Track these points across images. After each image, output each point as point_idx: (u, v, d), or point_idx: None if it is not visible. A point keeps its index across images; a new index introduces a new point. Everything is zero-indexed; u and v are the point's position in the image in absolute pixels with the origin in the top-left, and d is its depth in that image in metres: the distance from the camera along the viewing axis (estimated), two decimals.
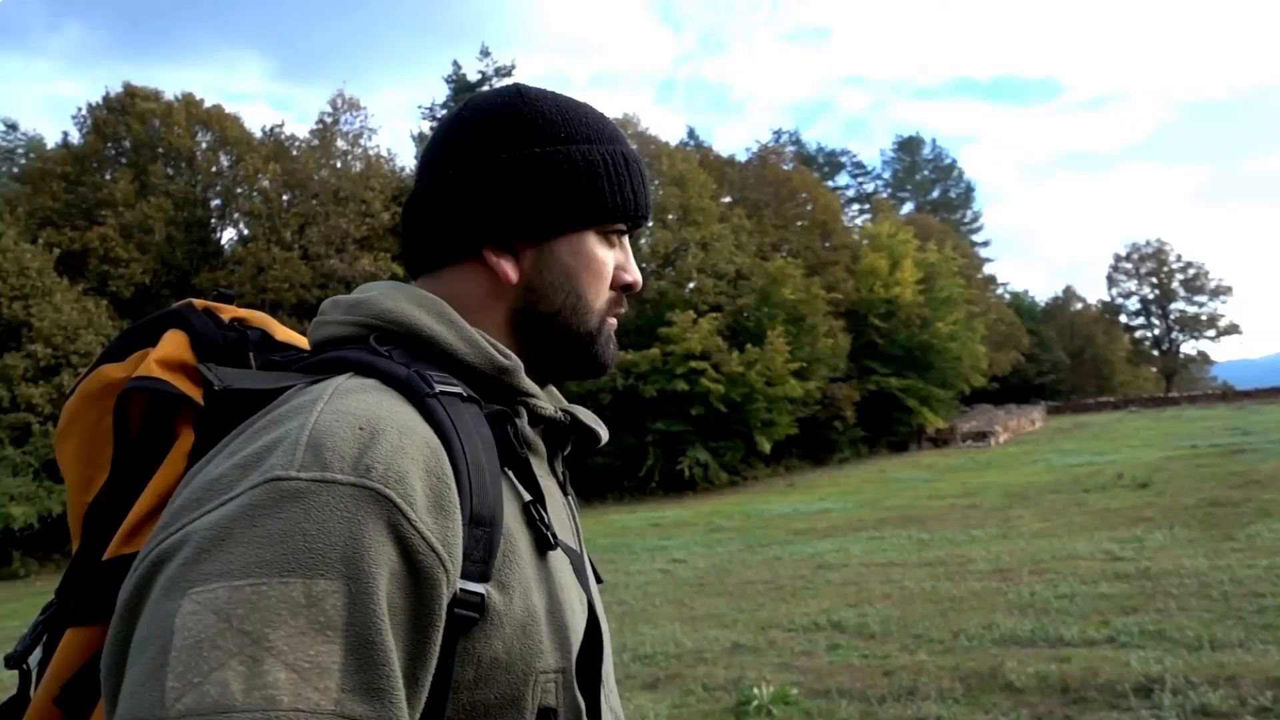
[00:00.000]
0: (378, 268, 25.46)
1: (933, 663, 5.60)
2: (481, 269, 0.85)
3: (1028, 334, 47.48)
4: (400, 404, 0.71)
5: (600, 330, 0.88)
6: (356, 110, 28.74)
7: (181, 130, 26.50)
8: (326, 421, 0.66)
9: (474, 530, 0.68)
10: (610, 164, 0.86)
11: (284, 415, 0.69)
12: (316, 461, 0.63)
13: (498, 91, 0.89)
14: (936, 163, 63.01)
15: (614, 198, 0.85)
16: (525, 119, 0.85)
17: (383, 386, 0.72)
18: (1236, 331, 59.17)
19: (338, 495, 0.62)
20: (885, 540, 12.30)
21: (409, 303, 0.81)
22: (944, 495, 18.04)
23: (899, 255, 35.06)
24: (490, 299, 0.85)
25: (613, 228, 0.87)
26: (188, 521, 0.62)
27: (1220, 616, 5.86)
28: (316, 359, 0.80)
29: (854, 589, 8.77)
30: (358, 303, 0.83)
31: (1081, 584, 7.54)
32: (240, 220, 27.72)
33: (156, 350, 0.81)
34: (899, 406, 33.69)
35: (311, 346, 0.86)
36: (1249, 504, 11.26)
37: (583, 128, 0.86)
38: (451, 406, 0.73)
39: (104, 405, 0.81)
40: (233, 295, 0.93)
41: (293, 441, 0.64)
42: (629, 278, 0.90)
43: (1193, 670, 4.65)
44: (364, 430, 0.65)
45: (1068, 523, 11.93)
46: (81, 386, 0.85)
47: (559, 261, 0.85)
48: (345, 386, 0.71)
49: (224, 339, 0.85)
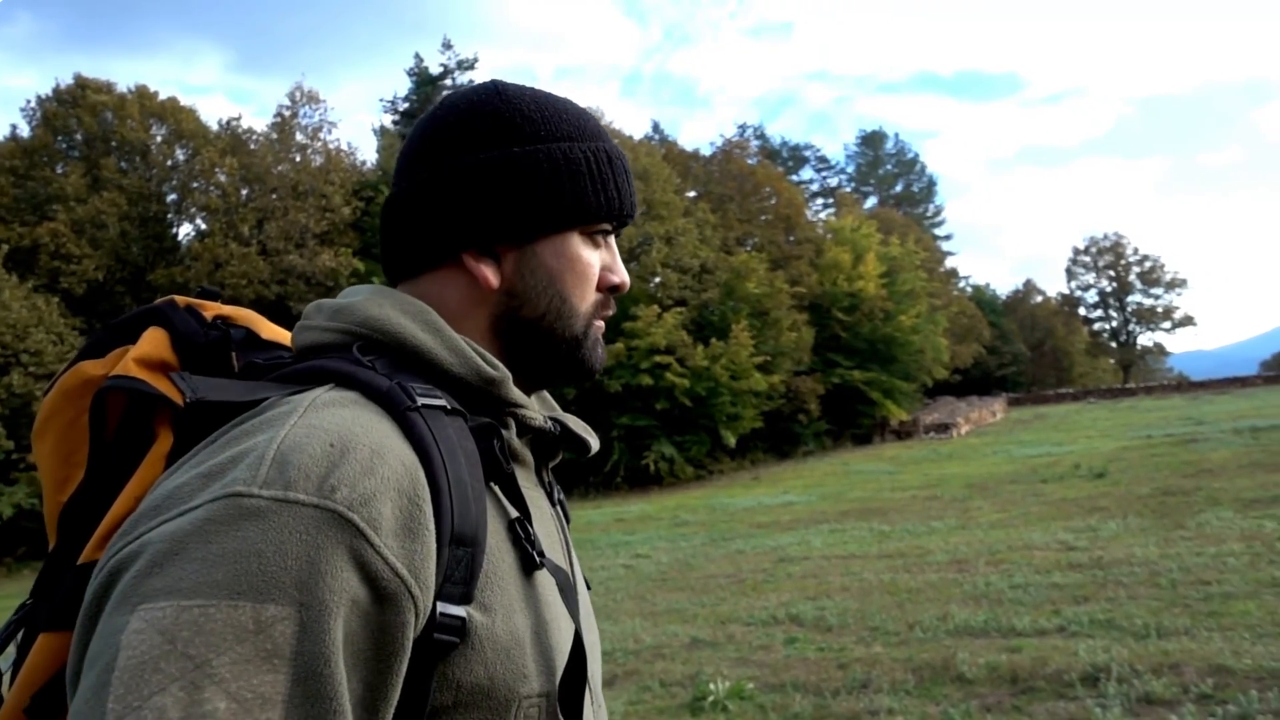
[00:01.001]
0: (338, 263, 25.17)
1: (887, 655, 5.64)
2: (462, 274, 0.82)
3: (989, 326, 48.15)
4: (379, 419, 0.68)
5: (586, 334, 0.85)
6: (316, 103, 28.33)
7: (135, 123, 25.95)
8: (297, 436, 0.63)
9: (455, 550, 0.66)
10: (593, 162, 0.83)
11: (257, 426, 0.66)
12: (280, 478, 0.60)
13: (474, 89, 0.86)
14: (899, 157, 63.59)
15: (597, 197, 0.82)
16: (503, 117, 0.82)
17: (363, 400, 0.70)
18: (1191, 324, 60.50)
19: (298, 516, 0.59)
20: (846, 532, 12.39)
21: (394, 310, 0.78)
22: (906, 487, 18.23)
23: (862, 249, 35.36)
24: (471, 305, 0.82)
25: (597, 228, 0.84)
26: (145, 530, 0.60)
27: (1168, 605, 5.96)
28: (298, 367, 0.76)
29: (814, 582, 8.82)
30: (341, 308, 0.80)
31: (1036, 574, 7.64)
32: (197, 215, 27.24)
33: (135, 348, 0.78)
34: (862, 399, 34.00)
35: (294, 352, 0.82)
36: (1200, 492, 11.49)
37: (563, 125, 0.83)
38: (434, 420, 0.70)
39: (81, 403, 0.78)
40: (216, 293, 0.90)
41: (259, 455, 0.62)
42: (616, 279, 0.87)
43: (1138, 659, 4.72)
44: (334, 447, 0.63)
45: (1024, 513, 12.10)
46: (59, 382, 0.82)
47: (542, 264, 0.82)
48: (323, 399, 0.68)
49: (206, 337, 0.82)
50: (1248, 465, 13.57)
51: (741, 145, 41.76)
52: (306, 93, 28.27)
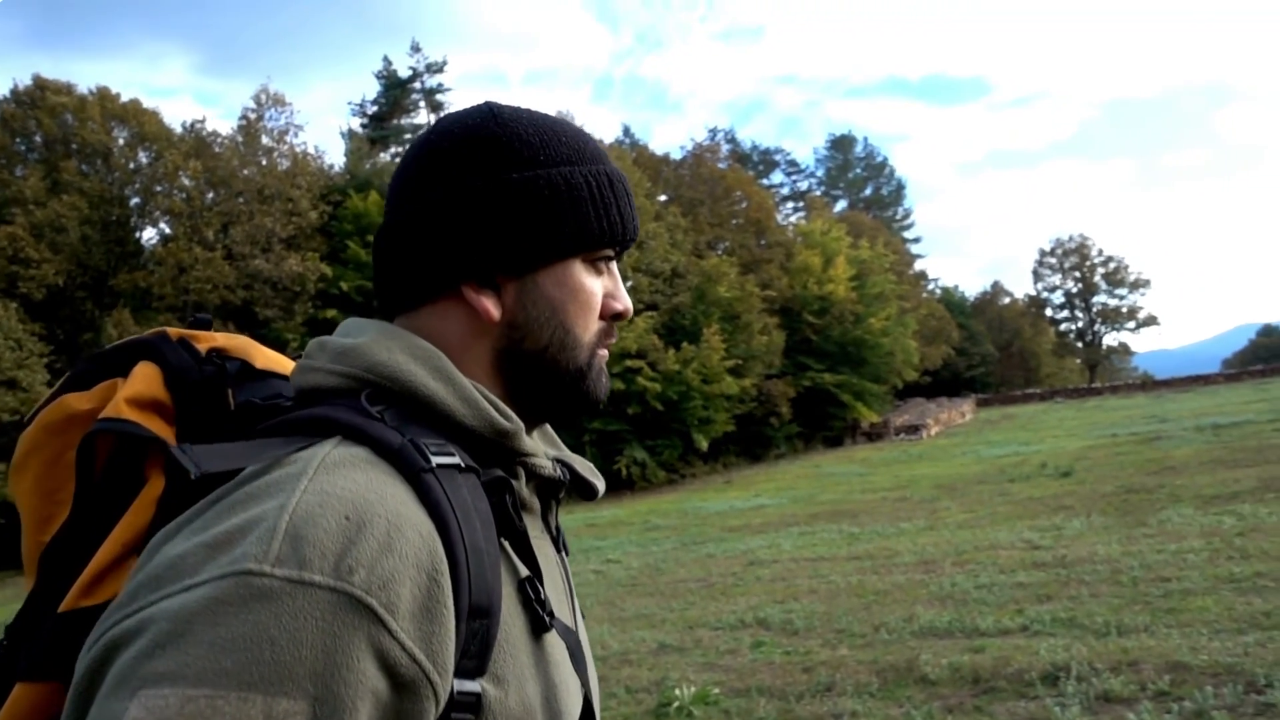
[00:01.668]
0: (305, 268, 24.91)
1: (853, 657, 5.64)
2: (461, 306, 0.78)
3: (958, 328, 48.64)
4: (393, 483, 0.64)
5: (591, 365, 0.82)
6: (282, 106, 28.04)
7: (96, 125, 25.54)
8: (309, 505, 0.59)
9: (472, 624, 0.63)
10: (594, 186, 0.79)
11: (265, 489, 0.61)
12: (294, 556, 0.56)
13: (469, 112, 0.82)
14: (868, 161, 64.12)
15: (599, 222, 0.79)
16: (500, 142, 0.78)
17: (374, 458, 0.65)
18: (1155, 323, 61.52)
19: (313, 600, 0.56)
20: (816, 535, 12.43)
21: (404, 354, 0.74)
22: (876, 489, 18.34)
23: (832, 252, 35.60)
24: (472, 339, 0.78)
25: (600, 254, 0.81)
26: (146, 604, 0.56)
27: (1129, 602, 6.01)
28: (301, 415, 0.71)
29: (782, 585, 8.83)
30: (347, 351, 0.75)
31: (1000, 574, 7.69)
32: (160, 219, 26.84)
33: (126, 386, 0.75)
34: (833, 401, 34.19)
35: (295, 394, 0.78)
36: (1162, 490, 11.65)
37: (562, 148, 0.80)
38: (449, 481, 0.66)
39: (66, 438, 0.75)
40: (209, 321, 0.86)
41: (270, 527, 0.58)
42: (619, 305, 0.84)
43: (1098, 656, 4.75)
44: (349, 520, 0.59)
45: (992, 513, 12.21)
46: (41, 416, 0.78)
47: (543, 295, 0.79)
48: (333, 459, 0.64)
49: (200, 373, 0.78)
50: (1209, 462, 13.78)
51: (712, 149, 41.90)
52: (272, 95, 27.99)
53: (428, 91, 41.05)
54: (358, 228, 27.08)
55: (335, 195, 28.11)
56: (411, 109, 41.32)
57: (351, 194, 27.69)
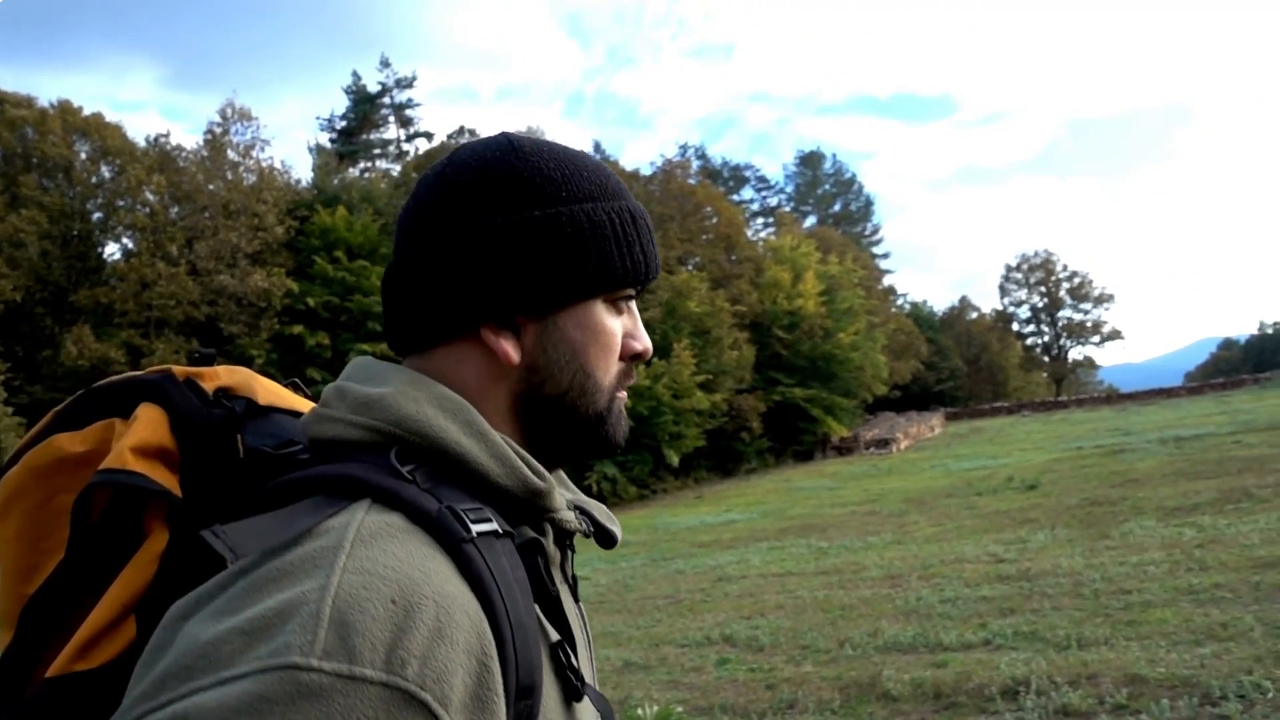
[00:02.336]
0: (271, 283, 24.64)
1: (816, 673, 5.61)
2: (478, 349, 0.74)
3: (926, 343, 49.09)
4: (434, 556, 0.60)
5: (611, 409, 0.79)
6: (248, 120, 27.80)
7: (57, 139, 25.15)
8: (352, 587, 0.55)
9: (518, 705, 0.61)
10: (617, 223, 0.76)
11: (298, 566, 0.57)
12: (342, 648, 0.52)
13: (486, 144, 0.78)
14: (837, 177, 64.73)
15: (623, 261, 0.76)
16: (521, 177, 0.74)
17: (410, 527, 0.61)
18: (1119, 337, 62.50)
19: (365, 697, 0.52)
20: (785, 550, 12.42)
21: (433, 408, 0.70)
22: (846, 503, 18.39)
23: (801, 268, 35.84)
24: (490, 382, 0.75)
25: (621, 294, 0.78)
26: (177, 697, 0.51)
27: (1090, 615, 6.04)
28: (325, 473, 0.66)
29: (750, 600, 8.80)
30: (370, 402, 0.71)
31: (965, 587, 7.71)
32: (123, 234, 26.45)
33: (131, 433, 0.70)
34: (804, 416, 34.33)
35: (310, 443, 0.73)
36: (1125, 502, 11.77)
37: (584, 184, 0.76)
38: (488, 550, 0.63)
39: (55, 482, 0.70)
40: (212, 356, 0.81)
41: (312, 613, 0.53)
42: (639, 346, 0.81)
43: (1058, 670, 4.76)
44: (396, 604, 0.55)
45: (958, 526, 12.26)
46: (28, 458, 0.72)
47: (565, 337, 0.75)
48: (369, 528, 0.60)
49: (208, 418, 0.73)
50: (1171, 474, 13.95)
51: (683, 165, 42.11)
52: (238, 110, 27.75)
53: (397, 107, 40.93)
54: (325, 243, 26.85)
55: (302, 210, 27.87)
56: (381, 124, 41.16)
57: (319, 209, 27.47)
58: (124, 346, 23.13)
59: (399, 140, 41.09)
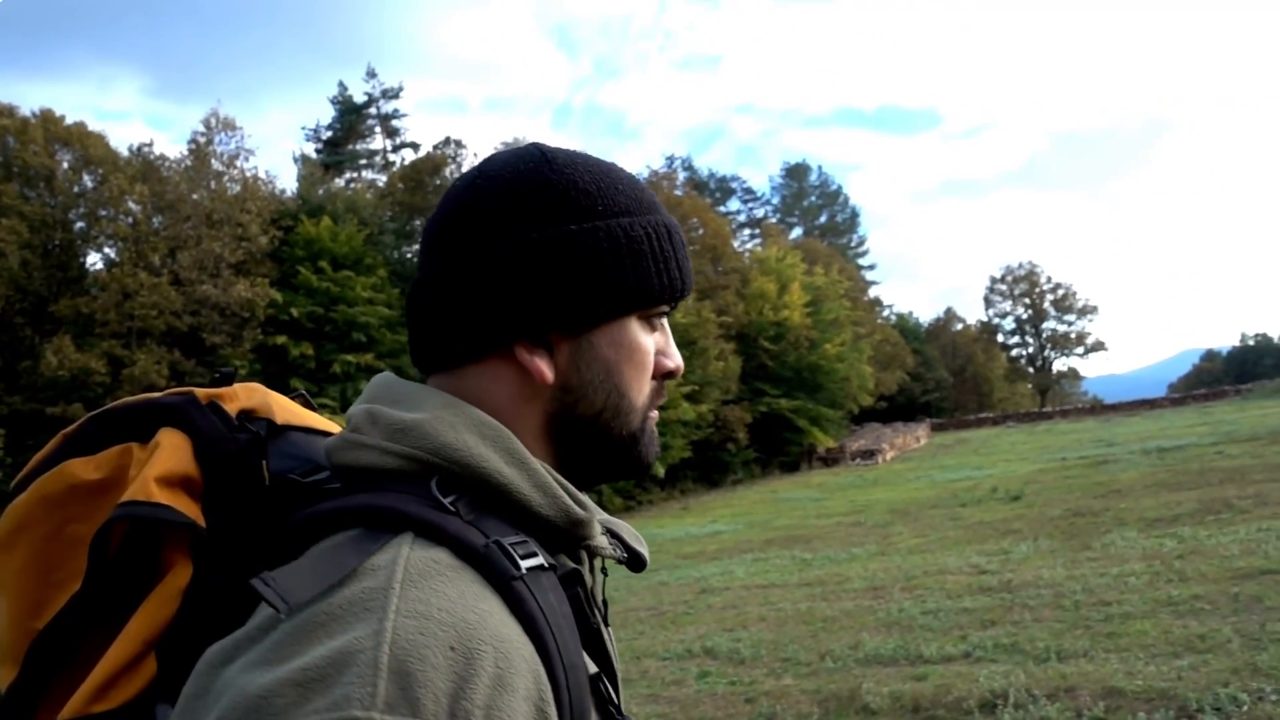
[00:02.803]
0: (254, 293, 24.49)
1: (796, 687, 5.58)
2: (511, 367, 0.72)
3: (912, 354, 49.27)
4: (486, 596, 0.58)
5: (644, 429, 0.77)
6: (232, 130, 27.65)
7: (39, 148, 24.90)
8: (408, 633, 0.53)
9: None
10: (654, 239, 0.74)
11: (347, 610, 0.54)
12: (405, 700, 0.50)
13: (518, 155, 0.75)
14: (823, 189, 65.00)
15: (660, 278, 0.74)
16: (557, 190, 0.72)
17: (457, 563, 0.59)
18: (1103, 348, 62.94)
19: None
20: (769, 561, 12.39)
21: (471, 434, 0.67)
22: (831, 514, 18.39)
23: (787, 279, 35.92)
24: (523, 402, 0.73)
25: (656, 311, 0.76)
26: None
27: (1070, 627, 6.03)
28: (361, 505, 0.63)
29: (733, 613, 8.76)
30: (406, 428, 0.68)
31: (947, 599, 7.70)
32: (105, 244, 26.23)
33: (156, 462, 0.66)
34: (790, 427, 34.35)
35: (340, 469, 0.70)
36: (1107, 513, 11.80)
37: (620, 197, 0.74)
38: (537, 587, 0.61)
39: (68, 512, 0.67)
40: (232, 376, 0.78)
41: (369, 663, 0.51)
42: (671, 364, 0.79)
43: (1036, 683, 4.74)
44: (456, 652, 0.53)
45: (942, 538, 12.27)
46: (38, 486, 0.69)
47: (599, 355, 0.73)
48: (416, 566, 0.57)
49: (234, 444, 0.70)
50: (1153, 485, 14.02)
51: (669, 177, 42.20)
52: (223, 119, 27.61)
53: (383, 117, 40.88)
54: (309, 253, 26.74)
55: (287, 220, 27.73)
56: (367, 134, 41.09)
57: (303, 219, 27.36)
58: (105, 357, 22.91)
59: (385, 151, 41.03)
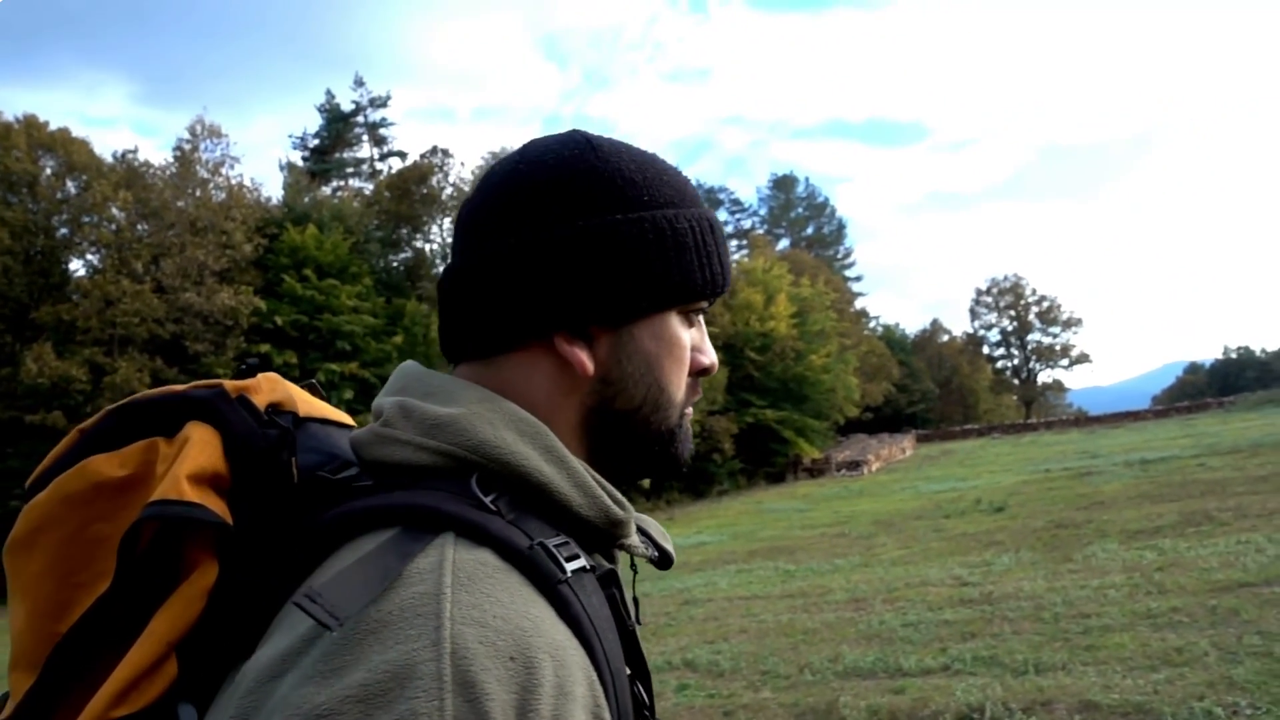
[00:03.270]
0: (238, 301, 24.36)
1: (774, 700, 5.54)
2: (549, 358, 0.71)
3: (898, 365, 49.43)
4: (536, 601, 0.57)
5: (681, 425, 0.76)
6: (218, 137, 27.58)
7: (22, 154, 24.76)
8: (466, 643, 0.51)
9: None
10: (698, 232, 0.73)
11: (398, 618, 0.53)
12: (473, 713, 0.49)
13: (561, 142, 0.74)
14: (810, 200, 65.28)
15: (703, 272, 0.73)
16: (603, 178, 0.71)
17: (503, 565, 0.58)
18: (1087, 360, 63.26)
19: None
20: (753, 573, 12.35)
21: (510, 431, 0.66)
22: (816, 525, 18.37)
23: (773, 290, 35.98)
24: (562, 394, 0.71)
25: (696, 306, 0.75)
26: None
27: (1049, 639, 6.02)
28: (398, 504, 0.61)
29: (714, 624, 8.71)
30: (442, 424, 0.66)
31: (928, 611, 7.68)
32: (88, 250, 26.06)
33: (187, 458, 0.64)
34: (776, 438, 34.37)
35: (370, 465, 0.68)
36: (1090, 525, 11.83)
37: (665, 189, 0.73)
38: (581, 590, 0.60)
39: (92, 510, 0.64)
40: (258, 367, 0.75)
41: (432, 675, 0.50)
42: (706, 360, 0.78)
43: (1013, 696, 4.72)
44: (516, 662, 0.52)
45: (925, 549, 12.26)
46: (59, 484, 0.66)
47: (640, 348, 0.72)
48: (463, 569, 0.56)
49: (265, 440, 0.67)
50: (1135, 497, 14.07)
51: None
52: (208, 126, 27.53)
53: (371, 125, 40.85)
54: (294, 261, 26.63)
55: (272, 228, 27.63)
56: (354, 143, 41.05)
57: (289, 227, 27.26)
58: (86, 364, 22.73)
59: (372, 159, 40.99)
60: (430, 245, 34.25)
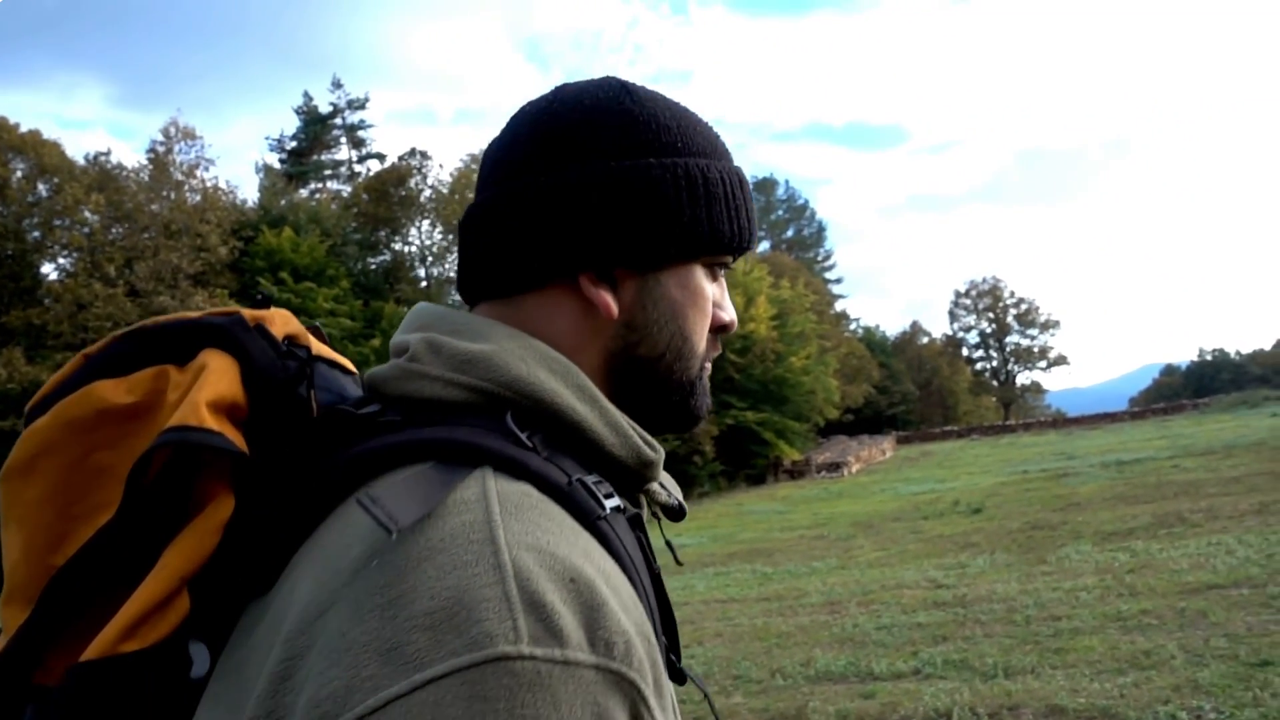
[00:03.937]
0: (213, 304, 24.08)
1: (745, 705, 5.50)
2: (573, 299, 0.70)
3: (879, 367, 49.64)
4: (580, 531, 0.56)
5: (700, 378, 0.76)
6: (192, 139, 27.31)
7: None
8: (526, 565, 0.50)
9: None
10: (728, 184, 0.72)
11: (450, 544, 0.51)
12: (548, 633, 0.48)
13: (598, 85, 0.73)
14: (790, 203, 65.48)
15: (731, 224, 0.72)
16: (639, 122, 0.70)
17: (544, 499, 0.57)
18: (1065, 363, 63.81)
19: (582, 683, 0.48)
20: (730, 575, 12.33)
21: (543, 370, 0.65)
22: (795, 527, 18.38)
23: (753, 292, 36.02)
24: (585, 337, 0.70)
25: (721, 259, 0.74)
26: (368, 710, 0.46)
27: (1020, 642, 6.02)
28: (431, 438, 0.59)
29: (690, 629, 8.66)
30: (474, 359, 0.64)
31: (902, 614, 7.67)
32: (60, 254, 25.73)
33: (204, 386, 0.61)
34: (756, 440, 34.41)
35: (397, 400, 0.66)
36: (1065, 526, 11.89)
37: (698, 138, 0.73)
38: (619, 528, 0.60)
39: (95, 437, 0.62)
40: (270, 301, 0.73)
41: (500, 597, 0.48)
42: (727, 317, 0.77)
43: (981, 700, 4.71)
44: (575, 583, 0.51)
45: (902, 551, 12.29)
46: (60, 409, 0.63)
47: (665, 295, 0.71)
48: (510, 498, 0.55)
49: (284, 371, 0.65)
50: (1111, 498, 14.16)
51: None
52: (182, 128, 27.26)
53: (349, 128, 40.57)
54: (270, 264, 26.41)
55: (247, 231, 27.40)
56: (332, 145, 40.76)
57: (264, 230, 27.03)
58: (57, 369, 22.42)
59: (350, 161, 40.71)
60: (409, 248, 34.08)
